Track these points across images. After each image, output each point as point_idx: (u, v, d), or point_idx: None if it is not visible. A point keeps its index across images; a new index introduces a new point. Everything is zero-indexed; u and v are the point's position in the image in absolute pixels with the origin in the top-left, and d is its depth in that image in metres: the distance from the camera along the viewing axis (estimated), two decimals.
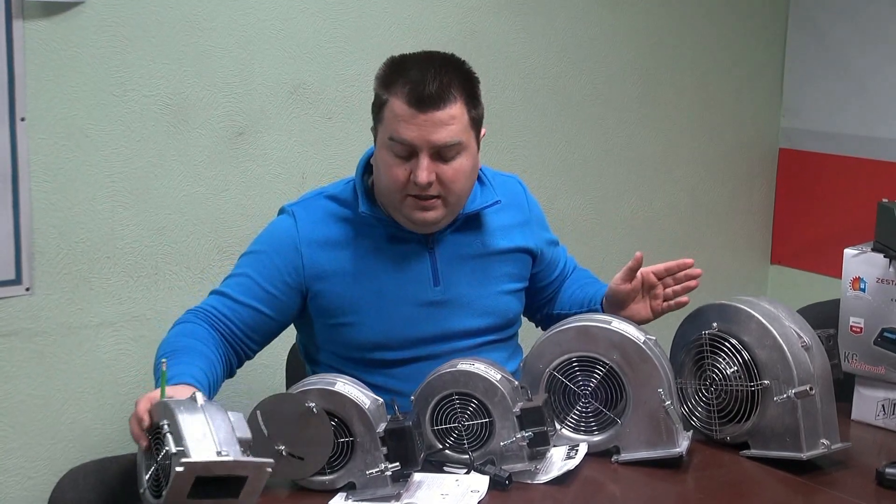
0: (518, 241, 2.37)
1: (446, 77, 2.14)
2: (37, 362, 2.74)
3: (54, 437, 2.79)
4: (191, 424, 1.70)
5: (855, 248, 2.40)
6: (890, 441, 2.30)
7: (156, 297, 2.89)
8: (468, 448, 2.03)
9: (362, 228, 2.26)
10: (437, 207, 2.18)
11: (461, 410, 2.03)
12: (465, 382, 2.02)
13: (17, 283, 2.68)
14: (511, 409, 2.00)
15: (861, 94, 3.80)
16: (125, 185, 2.81)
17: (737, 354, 2.14)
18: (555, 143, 3.56)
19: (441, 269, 2.28)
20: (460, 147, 2.16)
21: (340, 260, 2.24)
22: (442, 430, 2.04)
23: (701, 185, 3.96)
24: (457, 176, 2.17)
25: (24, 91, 2.64)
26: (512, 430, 2.00)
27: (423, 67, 2.15)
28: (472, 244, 2.31)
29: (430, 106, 2.11)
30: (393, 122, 2.14)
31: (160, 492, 1.74)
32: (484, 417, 2.02)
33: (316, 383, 1.97)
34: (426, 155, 2.13)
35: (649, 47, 3.74)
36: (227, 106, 2.93)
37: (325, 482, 1.95)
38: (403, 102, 2.12)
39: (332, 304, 2.24)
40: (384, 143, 2.17)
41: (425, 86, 2.11)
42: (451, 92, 2.13)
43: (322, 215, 2.27)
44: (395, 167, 2.15)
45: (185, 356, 2.07)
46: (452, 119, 2.14)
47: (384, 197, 2.22)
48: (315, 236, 2.24)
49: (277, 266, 2.23)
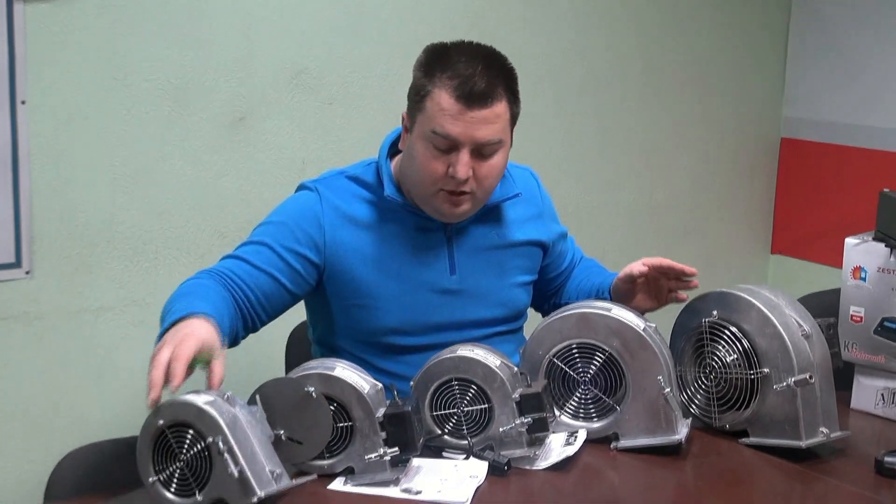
0: (531, 234, 2.38)
1: (493, 74, 2.11)
2: (36, 346, 2.74)
3: (53, 420, 2.79)
4: (243, 443, 1.75)
5: (856, 237, 2.39)
6: (889, 430, 2.30)
7: (155, 282, 2.89)
8: (467, 434, 2.03)
9: (384, 212, 2.25)
10: (466, 202, 2.18)
11: (460, 396, 2.03)
12: (465, 368, 2.01)
13: (17, 266, 2.68)
14: (510, 395, 2.00)
15: (863, 85, 3.80)
16: (125, 170, 2.81)
17: (737, 342, 2.14)
18: (556, 132, 3.56)
19: (458, 258, 2.28)
20: (500, 145, 2.15)
21: (361, 241, 2.23)
22: (441, 416, 2.04)
23: (702, 175, 3.96)
24: (491, 172, 2.16)
25: (24, 74, 2.64)
26: (511, 416, 2.00)
27: (470, 62, 2.11)
28: (488, 236, 2.32)
29: (477, 103, 2.09)
30: (438, 115, 2.10)
31: (188, 491, 1.76)
32: (483, 403, 2.02)
33: (315, 368, 1.97)
34: (467, 151, 2.11)
35: (651, 37, 3.73)
36: (228, 91, 2.93)
37: (324, 466, 1.95)
38: (451, 97, 2.09)
39: (349, 285, 2.23)
40: (424, 134, 2.14)
41: (475, 82, 2.08)
42: (497, 90, 2.11)
43: (345, 194, 2.25)
44: (433, 160, 2.13)
45: (199, 297, 2.03)
46: (497, 117, 2.12)
47: (414, 187, 2.20)
48: (338, 214, 2.23)
49: (298, 238, 2.20)
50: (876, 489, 1.99)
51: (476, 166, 2.13)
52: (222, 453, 1.73)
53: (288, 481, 1.78)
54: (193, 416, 1.76)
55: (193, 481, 1.77)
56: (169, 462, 1.78)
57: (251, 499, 1.71)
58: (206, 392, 1.81)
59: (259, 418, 1.84)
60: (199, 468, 1.76)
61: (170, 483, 1.79)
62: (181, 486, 1.78)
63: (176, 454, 1.78)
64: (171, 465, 1.78)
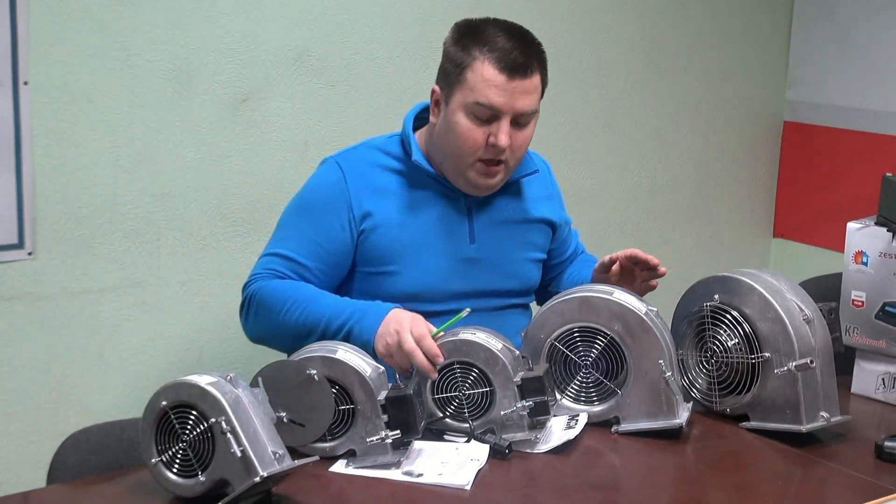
0: (545, 212, 2.44)
1: (529, 48, 2.22)
2: (39, 327, 2.75)
3: (56, 402, 2.79)
4: (245, 424, 1.75)
5: (858, 221, 2.39)
6: (889, 414, 2.31)
7: (158, 263, 2.89)
8: (468, 417, 2.03)
9: (410, 179, 2.31)
10: (500, 173, 2.27)
11: (462, 379, 2.03)
12: (467, 351, 2.02)
13: (20, 247, 2.69)
14: (512, 379, 2.00)
15: (867, 68, 3.79)
16: (128, 151, 2.80)
17: (738, 326, 2.14)
18: (559, 114, 3.55)
19: (477, 228, 2.33)
20: (535, 115, 2.26)
21: (387, 209, 2.28)
22: (443, 399, 2.04)
23: (705, 158, 3.96)
24: (525, 142, 2.27)
25: (27, 55, 2.63)
26: (513, 400, 2.00)
27: (508, 36, 2.21)
28: (507, 209, 2.38)
29: (519, 73, 2.18)
30: (482, 86, 2.18)
31: (190, 472, 1.77)
32: (485, 387, 2.02)
33: (317, 351, 1.97)
34: (507, 120, 2.20)
35: (654, 18, 3.72)
36: (231, 72, 2.92)
37: (326, 449, 1.95)
38: (494, 68, 2.18)
39: (375, 252, 2.27)
40: (464, 105, 2.21)
41: (516, 55, 2.18)
42: (534, 62, 2.22)
43: (369, 164, 2.32)
44: (473, 130, 2.21)
45: (329, 296, 2.21)
46: (535, 88, 2.23)
47: (450, 158, 2.26)
48: (363, 184, 2.28)
49: (332, 224, 2.26)
50: (876, 473, 2.00)
51: (513, 135, 2.23)
52: (225, 433, 1.74)
53: (290, 462, 1.79)
54: (196, 397, 1.76)
55: (196, 462, 1.77)
56: (172, 443, 1.79)
57: (253, 478, 1.72)
58: (208, 373, 1.82)
59: (261, 400, 1.84)
60: (202, 449, 1.77)
61: (172, 464, 1.79)
62: (184, 466, 1.79)
63: (179, 435, 1.78)
64: (174, 445, 1.79)
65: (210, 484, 1.76)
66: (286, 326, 2.18)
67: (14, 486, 2.68)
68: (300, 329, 2.16)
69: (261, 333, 2.26)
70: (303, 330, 2.16)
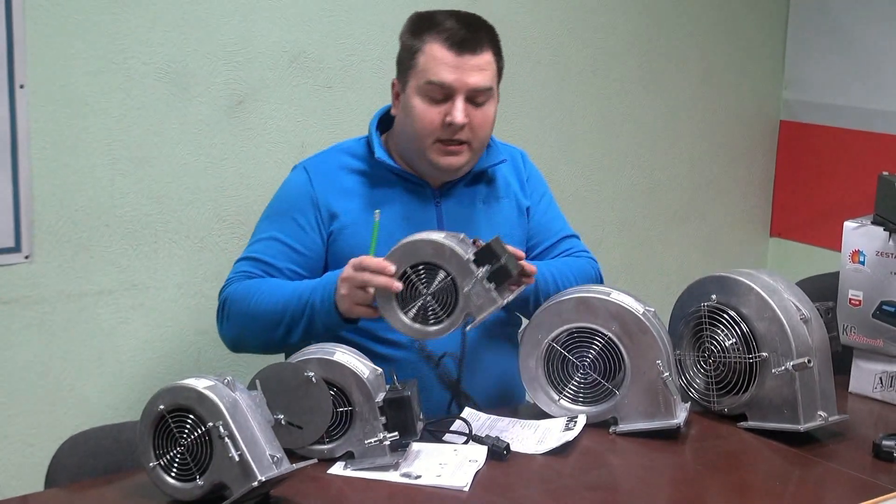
0: (516, 196, 2.44)
1: (478, 27, 2.28)
2: (36, 330, 2.74)
3: (54, 405, 2.79)
4: (243, 428, 1.76)
5: (855, 220, 2.40)
6: (887, 413, 2.31)
7: (155, 266, 2.89)
8: (443, 314, 2.03)
9: (374, 179, 2.34)
10: (462, 153, 2.28)
11: (421, 280, 2.03)
12: (413, 252, 2.02)
13: (17, 250, 2.68)
14: (464, 259, 2.00)
15: (863, 67, 3.79)
16: (125, 153, 2.80)
17: (735, 326, 2.14)
18: (555, 115, 3.55)
19: (447, 221, 2.34)
20: (491, 93, 2.28)
21: (353, 208, 2.31)
22: (417, 313, 2.04)
23: (701, 158, 3.96)
24: (485, 121, 2.28)
25: (23, 58, 2.63)
26: (473, 275, 2.00)
27: (455, 18, 2.27)
28: (476, 201, 2.39)
29: (468, 49, 2.23)
30: (432, 65, 2.23)
31: (188, 476, 1.78)
32: (446, 277, 2.01)
33: (315, 352, 1.97)
34: (461, 97, 2.23)
35: (651, 19, 3.72)
36: (227, 74, 2.92)
37: (324, 451, 1.95)
38: (443, 46, 2.23)
39: (345, 252, 2.26)
40: (418, 88, 2.25)
41: (464, 32, 2.24)
42: (484, 40, 2.27)
43: (334, 166, 2.36)
44: (429, 110, 2.25)
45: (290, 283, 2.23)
46: (488, 64, 2.26)
47: (411, 142, 2.29)
48: (329, 186, 2.32)
49: (302, 225, 2.30)
50: (873, 473, 2.00)
51: (471, 114, 2.25)
52: (223, 438, 1.74)
53: (288, 465, 1.79)
54: (194, 401, 1.76)
55: (194, 466, 1.77)
56: (169, 447, 1.79)
57: (251, 483, 1.72)
58: (206, 376, 1.82)
59: (259, 403, 1.84)
60: (200, 453, 1.77)
61: (170, 468, 1.79)
62: (182, 470, 1.78)
63: (176, 439, 1.78)
64: (172, 449, 1.79)
65: (208, 488, 1.77)
66: (255, 320, 2.20)
67: (12, 489, 2.68)
68: (268, 320, 2.18)
69: (235, 334, 2.27)
70: (270, 321, 2.18)
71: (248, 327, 2.23)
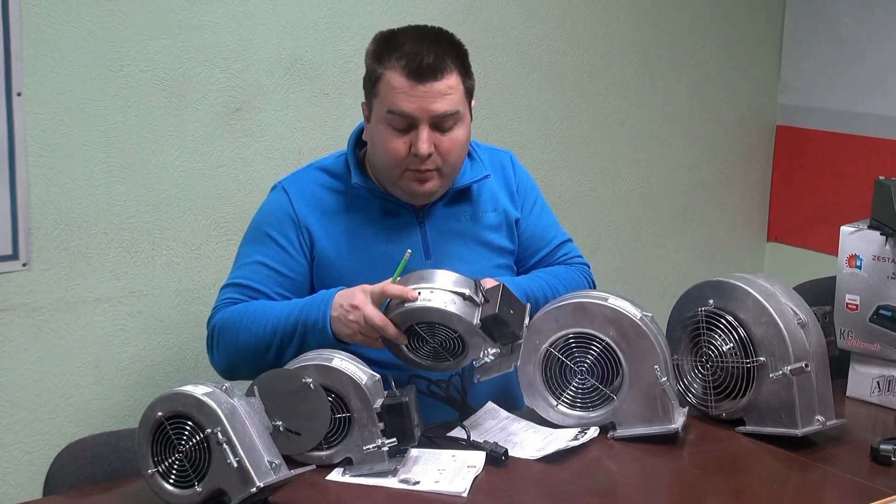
0: (504, 210, 2.38)
1: (440, 48, 2.16)
2: (34, 337, 2.74)
3: (52, 413, 2.79)
4: (241, 434, 1.76)
5: (851, 225, 2.40)
6: (884, 417, 2.31)
7: (152, 273, 2.89)
8: (451, 357, 2.05)
9: (354, 200, 2.28)
10: (433, 178, 2.21)
11: (428, 335, 2.04)
12: (420, 315, 2.01)
13: (14, 258, 2.68)
14: (473, 324, 2.00)
15: (859, 72, 3.80)
16: (122, 161, 2.80)
17: (733, 331, 2.15)
18: (552, 119, 3.56)
19: (432, 242, 2.30)
20: (457, 117, 2.19)
21: (333, 229, 2.26)
22: (423, 353, 2.06)
23: (698, 162, 3.96)
24: (454, 146, 2.19)
25: (20, 66, 2.63)
26: (482, 341, 2.02)
27: (416, 40, 2.16)
28: (462, 218, 2.34)
29: (428, 77, 2.13)
30: (391, 95, 2.15)
31: (187, 483, 1.78)
32: (454, 338, 2.02)
33: (313, 359, 1.97)
34: (426, 126, 2.15)
35: (647, 23, 3.73)
36: (224, 81, 2.92)
37: (322, 457, 1.95)
38: (401, 75, 2.14)
39: (329, 276, 2.24)
40: (381, 117, 2.18)
41: (422, 57, 2.13)
42: (447, 62, 2.15)
43: (314, 186, 2.30)
44: (393, 140, 2.17)
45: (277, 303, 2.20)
46: (450, 89, 2.16)
47: (380, 171, 2.24)
48: (309, 207, 2.27)
49: (284, 247, 2.25)
50: (871, 476, 2.00)
51: (437, 141, 2.17)
52: (221, 444, 1.74)
53: (286, 472, 1.79)
54: (192, 408, 1.77)
55: (192, 472, 1.77)
56: (168, 453, 1.79)
57: (250, 489, 1.72)
58: (204, 383, 1.82)
59: (257, 409, 1.84)
60: (198, 459, 1.77)
61: (169, 474, 1.79)
62: (180, 477, 1.79)
63: (175, 445, 1.78)
64: (170, 456, 1.79)
65: (206, 494, 1.77)
66: (247, 346, 2.15)
67: (10, 497, 2.68)
68: (258, 344, 2.14)
69: (228, 362, 2.22)
70: (261, 344, 2.14)
71: (239, 355, 2.18)
